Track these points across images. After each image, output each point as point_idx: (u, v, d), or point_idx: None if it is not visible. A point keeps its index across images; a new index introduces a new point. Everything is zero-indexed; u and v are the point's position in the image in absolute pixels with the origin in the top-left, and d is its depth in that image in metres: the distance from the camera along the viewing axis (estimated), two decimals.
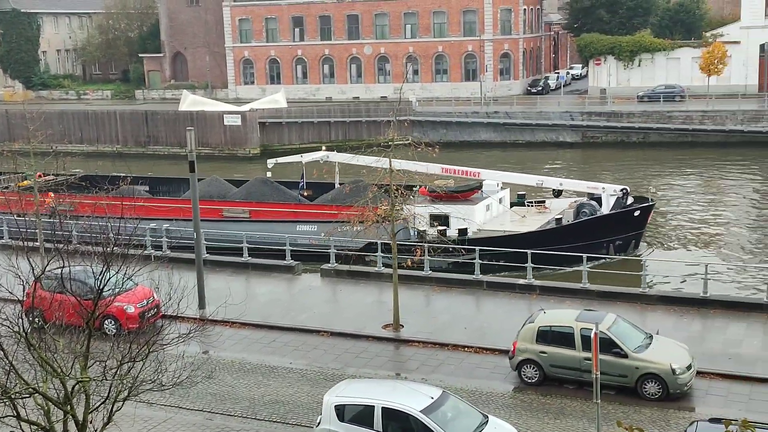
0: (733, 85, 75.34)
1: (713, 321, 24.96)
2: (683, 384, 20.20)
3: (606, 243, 37.13)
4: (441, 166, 42.03)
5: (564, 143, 71.07)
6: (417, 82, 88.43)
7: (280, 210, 40.78)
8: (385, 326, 25.60)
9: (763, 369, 21.50)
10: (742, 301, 26.35)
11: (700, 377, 21.06)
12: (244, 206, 41.41)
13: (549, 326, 21.44)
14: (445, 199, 37.84)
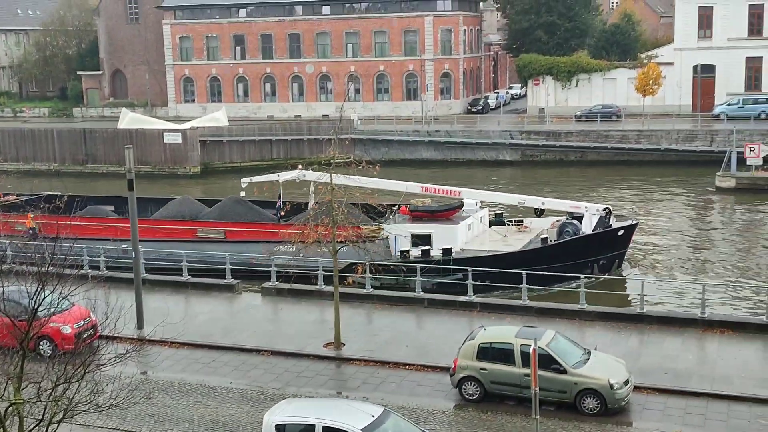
0: (667, 106, 77.08)
1: (650, 336, 25.36)
2: (621, 399, 20.46)
3: (591, 263, 36.78)
4: (420, 185, 41.75)
5: (504, 162, 71.84)
6: (359, 101, 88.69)
7: (257, 230, 39.80)
8: (326, 345, 25.49)
9: (698, 383, 21.89)
10: (677, 316, 26.79)
11: (638, 392, 21.35)
12: (219, 226, 40.37)
13: (489, 343, 21.56)
14: (427, 219, 37.58)
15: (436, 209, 38.34)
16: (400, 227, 37.00)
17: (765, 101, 72.50)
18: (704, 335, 25.20)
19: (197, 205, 43.88)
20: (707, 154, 65.37)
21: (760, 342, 24.58)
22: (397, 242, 36.57)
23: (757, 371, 22.51)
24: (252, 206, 42.03)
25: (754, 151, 55.57)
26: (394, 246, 36.63)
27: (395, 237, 36.46)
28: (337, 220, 25.06)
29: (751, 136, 63.87)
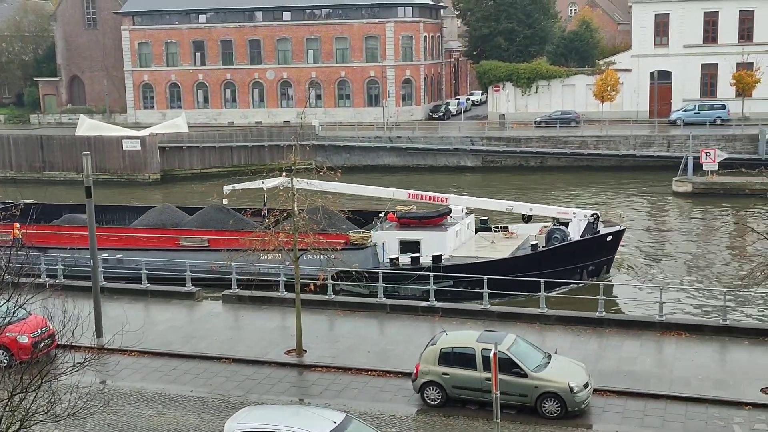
0: (625, 111, 78.12)
1: (609, 340, 25.62)
2: (581, 402, 20.64)
3: (580, 268, 36.76)
4: (407, 191, 41.49)
5: (465, 167, 72.22)
6: (320, 107, 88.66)
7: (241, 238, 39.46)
8: (288, 351, 25.40)
9: (656, 385, 22.15)
10: (635, 320, 27.11)
11: (597, 395, 21.55)
12: (203, 234, 39.44)
13: (451, 348, 21.63)
14: (415, 225, 37.27)
15: (424, 216, 38.00)
16: (388, 234, 36.78)
17: (720, 107, 73.79)
18: (662, 338, 25.52)
19: (178, 213, 43.02)
20: (664, 159, 66.33)
21: (717, 344, 24.95)
22: (385, 249, 36.28)
23: (714, 373, 22.84)
24: (235, 214, 41.14)
25: (709, 156, 56.47)
26: (382, 253, 36.32)
27: (383, 244, 36.28)
28: (299, 226, 24.87)
29: (707, 142, 64.89)
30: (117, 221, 45.98)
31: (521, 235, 39.30)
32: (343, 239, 36.88)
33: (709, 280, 38.44)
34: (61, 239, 39.75)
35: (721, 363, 23.73)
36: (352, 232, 37.55)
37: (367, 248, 36.40)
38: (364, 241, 36.64)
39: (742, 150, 65.22)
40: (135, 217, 44.69)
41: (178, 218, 42.42)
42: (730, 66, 74.40)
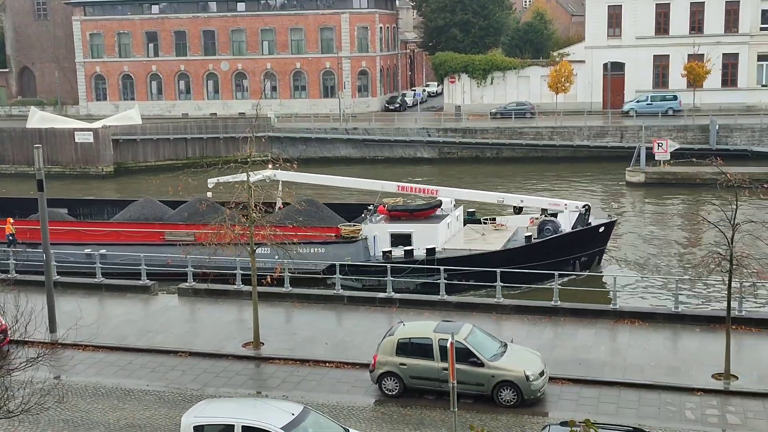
0: (579, 103, 78.89)
1: (564, 328, 25.95)
2: (536, 390, 20.88)
3: (573, 260, 36.67)
4: (397, 183, 41.03)
5: (422, 159, 72.43)
6: (275, 99, 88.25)
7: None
8: (245, 344, 25.33)
9: (610, 373, 22.49)
10: (590, 308, 27.44)
11: (553, 383, 21.83)
12: (189, 229, 37.88)
13: (408, 338, 21.74)
14: (405, 218, 36.93)
15: (414, 209, 37.64)
16: (379, 227, 36.45)
17: (672, 98, 74.92)
18: (616, 326, 25.91)
19: (161, 207, 42.00)
20: (617, 149, 67.17)
21: (669, 331, 25.40)
22: (376, 242, 35.94)
23: (666, 360, 23.26)
24: (219, 207, 39.66)
25: (662, 146, 57.33)
26: (373, 246, 35.98)
27: (374, 237, 35.93)
28: (254, 219, 24.77)
29: (659, 132, 65.86)
30: (95, 215, 45.05)
31: (510, 227, 38.97)
32: (334, 232, 36.62)
33: (662, 269, 39.06)
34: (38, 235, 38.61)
35: (674, 350, 24.16)
36: (343, 225, 37.17)
37: (358, 241, 36.01)
38: (356, 234, 36.22)
39: (694, 140, 66.31)
40: (114, 211, 43.74)
41: (161, 212, 41.42)
42: (682, 57, 75.49)
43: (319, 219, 38.56)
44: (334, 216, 39.25)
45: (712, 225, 24.78)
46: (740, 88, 77.76)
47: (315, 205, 39.82)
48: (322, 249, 35.88)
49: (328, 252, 35.65)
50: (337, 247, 35.93)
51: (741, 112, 71.68)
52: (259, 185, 41.84)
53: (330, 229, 37.19)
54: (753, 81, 77.85)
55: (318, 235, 36.89)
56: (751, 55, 77.44)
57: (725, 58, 77.24)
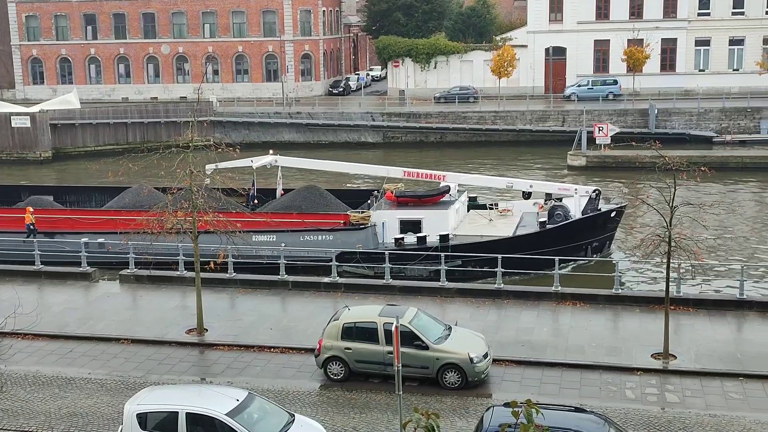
0: (521, 87, 79.56)
1: (507, 311, 26.26)
2: (480, 372, 21.11)
3: (585, 245, 36.10)
4: (403, 169, 40.27)
5: (366, 143, 72.40)
6: (217, 82, 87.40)
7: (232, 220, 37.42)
8: (188, 331, 25.15)
9: (552, 354, 22.84)
10: (532, 290, 27.80)
11: (497, 365, 22.09)
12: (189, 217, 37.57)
13: (353, 322, 21.80)
14: (413, 204, 36.30)
15: (424, 194, 37.05)
16: (388, 214, 35.70)
17: (612, 82, 75.96)
18: (558, 308, 26.30)
19: (157, 194, 39.68)
20: (559, 133, 67.98)
21: (610, 312, 25.86)
22: (385, 229, 35.20)
23: (607, 340, 23.69)
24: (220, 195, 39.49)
25: (602, 130, 58.09)
26: (382, 233, 35.25)
27: (383, 224, 35.21)
28: (197, 205, 24.52)
29: (600, 116, 66.81)
30: (82, 203, 43.47)
31: (515, 212, 38.35)
32: (343, 219, 35.86)
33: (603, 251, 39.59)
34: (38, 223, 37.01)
35: (614, 331, 24.62)
36: (353, 211, 36.34)
37: (367, 228, 35.17)
38: (365, 221, 35.37)
39: (633, 124, 67.40)
40: (103, 198, 42.38)
41: (158, 199, 40.04)
42: (622, 42, 76.49)
43: (324, 206, 37.52)
44: (338, 203, 38.27)
45: (652, 207, 25.25)
46: (678, 72, 79.19)
47: (317, 192, 38.73)
48: (330, 236, 35.03)
49: (337, 239, 34.85)
50: (345, 234, 35.04)
51: (679, 96, 73.03)
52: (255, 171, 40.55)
53: (338, 215, 36.24)
54: (691, 66, 79.33)
55: (326, 222, 36.06)
56: (689, 40, 78.86)
57: (664, 43, 78.51)
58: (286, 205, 37.79)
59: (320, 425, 18.15)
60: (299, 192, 38.66)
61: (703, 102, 69.37)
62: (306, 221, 35.63)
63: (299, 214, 36.21)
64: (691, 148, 60.78)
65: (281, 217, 36.44)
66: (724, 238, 40.64)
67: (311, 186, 40.21)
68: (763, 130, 65.86)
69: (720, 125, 67.24)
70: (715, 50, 78.72)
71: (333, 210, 37.32)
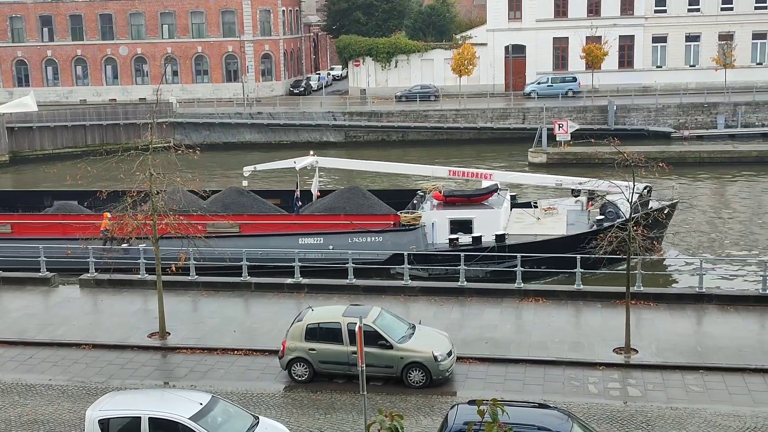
0: (482, 85, 79.94)
1: (470, 308, 26.34)
2: (445, 370, 21.17)
3: None
4: (448, 168, 39.40)
5: (328, 143, 72.28)
6: (177, 84, 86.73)
7: (276, 222, 36.26)
8: (150, 335, 24.91)
9: (516, 351, 22.97)
10: (495, 288, 27.90)
11: (461, 362, 22.16)
12: (233, 219, 36.08)
13: (317, 323, 21.74)
14: (462, 204, 35.53)
15: (473, 193, 36.25)
16: (437, 214, 34.97)
17: (572, 80, 76.63)
18: (521, 305, 26.45)
19: (190, 197, 38.42)
20: (520, 131, 68.41)
21: (572, 308, 26.06)
22: (434, 230, 34.44)
23: (569, 336, 23.87)
24: (257, 197, 38.25)
25: (562, 127, 58.56)
26: (432, 234, 34.55)
27: (432, 224, 34.51)
28: (157, 207, 24.29)
29: (560, 113, 67.36)
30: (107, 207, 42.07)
31: (560, 210, 37.63)
32: (392, 219, 35.21)
33: None
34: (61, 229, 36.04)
35: (576, 326, 24.81)
36: (403, 212, 35.64)
37: (417, 229, 34.50)
38: (416, 222, 34.72)
39: (593, 121, 68.00)
40: None
41: (193, 202, 37.85)
42: (580, 39, 77.22)
43: (368, 207, 36.72)
44: (381, 203, 37.38)
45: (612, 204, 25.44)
46: (636, 69, 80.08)
47: (360, 193, 37.85)
48: (380, 237, 34.48)
49: (386, 240, 34.30)
50: (395, 235, 34.42)
51: (637, 92, 73.86)
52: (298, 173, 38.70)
53: (388, 216, 35.60)
54: (648, 62, 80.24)
55: (376, 223, 35.39)
56: (646, 37, 79.77)
57: (622, 40, 79.32)
58: (329, 207, 36.86)
59: (285, 427, 18.09)
60: (342, 193, 37.69)
61: (661, 98, 70.27)
62: (355, 222, 34.85)
63: (347, 216, 35.43)
64: (649, 143, 61.54)
65: (328, 219, 35.74)
66: (681, 234, 41.15)
67: (354, 187, 39.39)
68: (720, 126, 66.89)
69: (678, 121, 68.13)
70: (672, 47, 79.71)
71: (378, 211, 36.43)
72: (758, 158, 58.41)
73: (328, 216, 36.08)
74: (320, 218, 36.07)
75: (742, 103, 68.17)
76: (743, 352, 22.42)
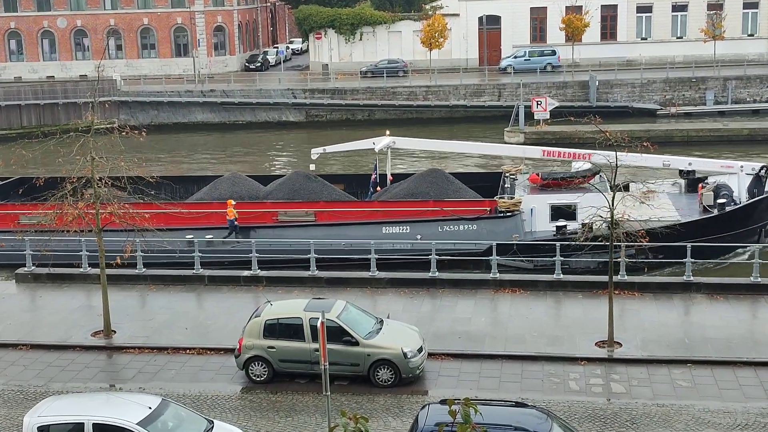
0: (454, 59, 79.98)
1: (442, 300, 26.47)
2: (415, 367, 21.26)
3: (759, 228, 34.58)
4: (542, 148, 38.30)
5: (288, 123, 72.08)
6: (121, 59, 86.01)
7: (356, 210, 35.72)
8: (94, 333, 24.78)
9: (491, 345, 23.12)
10: (469, 278, 28.05)
11: (432, 359, 22.28)
12: (308, 207, 35.53)
13: (276, 319, 21.75)
14: (559, 187, 34.72)
15: (573, 176, 35.56)
16: (536, 199, 34.14)
17: (550, 53, 76.86)
18: (496, 296, 26.64)
19: (252, 183, 38.48)
20: (495, 108, 68.69)
21: (551, 299, 26.29)
22: (534, 217, 33.62)
23: (548, 329, 24.07)
24: (326, 183, 37.57)
25: (540, 104, 58.82)
26: (530, 221, 33.78)
27: (531, 210, 33.67)
28: (100, 194, 24.05)
29: (538, 90, 67.65)
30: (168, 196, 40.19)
31: (660, 192, 36.42)
32: (488, 206, 34.50)
33: None
34: None
35: (556, 318, 25.04)
36: (500, 197, 34.98)
37: (515, 216, 33.82)
38: (516, 208, 34.07)
39: (574, 97, 68.45)
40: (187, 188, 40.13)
41: (255, 188, 38.09)
42: (560, 9, 77.40)
43: (454, 191, 35.97)
44: (466, 188, 36.65)
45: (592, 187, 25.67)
46: (620, 41, 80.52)
47: (443, 176, 37.13)
48: (474, 225, 33.79)
49: (481, 229, 33.60)
50: (492, 223, 33.73)
51: (621, 66, 74.35)
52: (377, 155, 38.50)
53: (482, 202, 35.02)
54: (633, 34, 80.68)
55: (469, 209, 34.64)
56: (630, 7, 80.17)
57: (604, 10, 79.66)
58: (412, 192, 36.08)
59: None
60: (423, 176, 36.86)
61: (646, 72, 70.80)
62: (445, 209, 34.23)
63: (437, 202, 34.79)
64: (634, 122, 62.00)
65: (414, 206, 35.07)
66: None
67: (436, 169, 38.82)
68: (709, 102, 67.56)
69: (664, 97, 68.74)
70: (658, 17, 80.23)
71: (465, 196, 35.79)
72: (750, 136, 59.14)
73: (415, 202, 35.29)
74: (406, 204, 35.29)
75: (732, 78, 68.96)
76: (733, 344, 22.76)
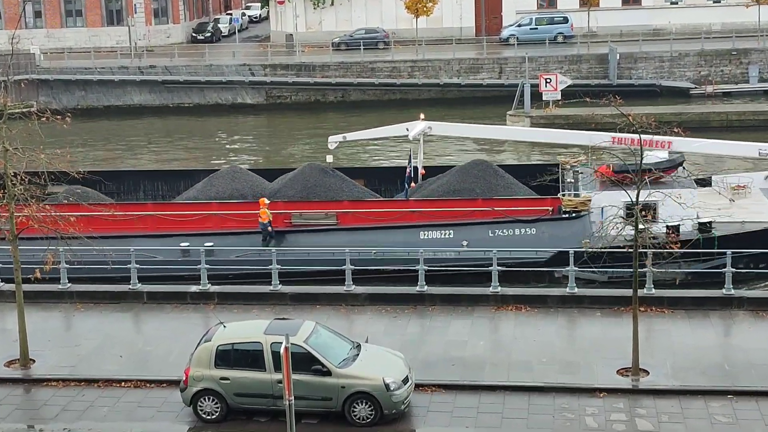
0: (446, 28, 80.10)
1: (433, 320, 26.45)
2: (400, 402, 21.19)
3: None
4: (611, 134, 38.41)
5: (244, 105, 72.08)
6: (41, 28, 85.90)
7: (388, 210, 35.54)
8: (9, 363, 24.67)
9: (492, 374, 23.09)
10: (464, 293, 28.01)
11: (420, 391, 22.23)
12: (328, 208, 35.30)
13: (231, 344, 21.68)
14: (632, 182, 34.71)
15: (656, 167, 34.19)
16: (609, 196, 32.89)
17: (562, 20, 77.00)
18: (497, 314, 26.63)
19: (255, 178, 38.20)
20: (496, 88, 68.97)
21: (564, 317, 26.32)
22: (604, 217, 32.72)
23: (561, 354, 24.08)
24: (345, 178, 37.22)
25: (550, 83, 58.88)
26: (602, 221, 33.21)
27: (602, 210, 32.79)
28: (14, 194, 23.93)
29: (547, 65, 67.97)
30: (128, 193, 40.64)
31: (750, 187, 36.74)
32: (549, 204, 34.44)
33: None
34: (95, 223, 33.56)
35: (570, 341, 25.08)
36: (564, 194, 34.91)
37: (583, 217, 33.73)
38: (585, 207, 34.10)
39: (590, 74, 68.79)
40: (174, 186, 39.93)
41: (260, 185, 37.61)
42: None
43: (505, 188, 35.81)
44: (517, 184, 36.43)
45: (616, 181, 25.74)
46: (645, 6, 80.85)
47: (491, 169, 37.02)
48: (533, 229, 33.83)
49: (542, 233, 33.62)
50: (556, 226, 33.74)
51: (647, 37, 74.55)
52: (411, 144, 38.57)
53: (542, 201, 34.99)
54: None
55: (526, 210, 34.54)
56: None
57: None
58: (454, 188, 35.89)
59: None
60: (466, 170, 36.70)
61: (677, 44, 71.08)
62: (497, 209, 34.18)
63: (486, 201, 34.65)
64: (662, 103, 62.35)
65: (459, 205, 34.82)
66: None
67: (481, 161, 38.71)
68: (752, 79, 67.81)
69: (698, 73, 69.12)
70: None
71: (519, 193, 35.72)
72: None
73: (459, 201, 35.09)
74: (449, 204, 35.07)
75: None
76: None
